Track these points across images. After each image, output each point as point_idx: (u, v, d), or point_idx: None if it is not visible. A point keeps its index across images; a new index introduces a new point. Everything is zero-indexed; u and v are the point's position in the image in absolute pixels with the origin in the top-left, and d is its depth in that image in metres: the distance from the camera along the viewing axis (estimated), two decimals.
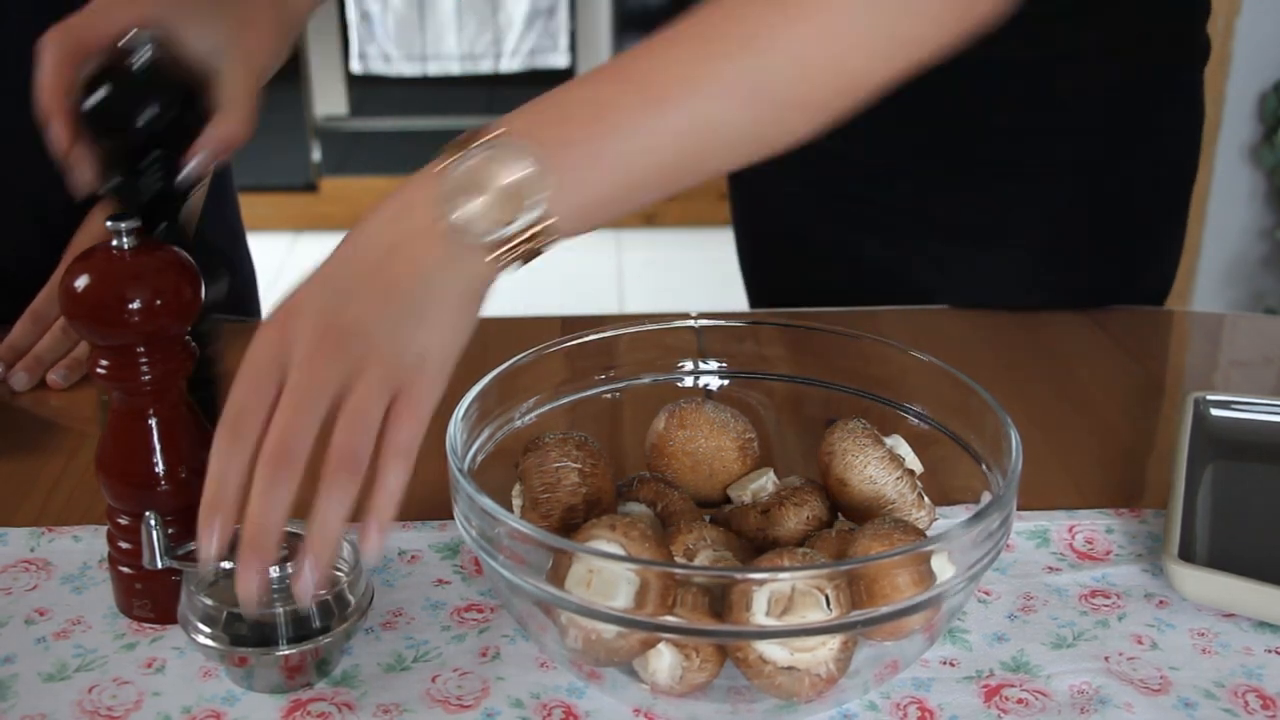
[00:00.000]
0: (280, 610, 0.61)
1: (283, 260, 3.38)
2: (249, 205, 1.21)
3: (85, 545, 0.73)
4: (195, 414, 0.67)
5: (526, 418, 0.71)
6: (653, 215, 3.52)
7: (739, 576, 0.55)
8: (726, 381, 0.76)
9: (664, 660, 0.57)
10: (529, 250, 0.57)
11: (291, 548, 0.58)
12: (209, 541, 0.55)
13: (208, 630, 0.61)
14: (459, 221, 0.56)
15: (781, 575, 0.54)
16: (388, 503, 0.56)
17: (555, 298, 3.20)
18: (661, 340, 0.75)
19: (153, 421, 0.65)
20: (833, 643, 0.56)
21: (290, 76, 3.40)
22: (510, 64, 3.38)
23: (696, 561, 0.61)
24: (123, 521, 0.67)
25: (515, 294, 0.75)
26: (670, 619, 0.55)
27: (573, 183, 0.57)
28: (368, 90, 3.45)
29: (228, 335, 1.00)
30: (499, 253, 0.57)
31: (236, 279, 1.17)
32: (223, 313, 1.07)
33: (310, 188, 3.53)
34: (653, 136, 0.59)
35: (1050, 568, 0.72)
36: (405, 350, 0.56)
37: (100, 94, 0.66)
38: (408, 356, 0.56)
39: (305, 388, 0.55)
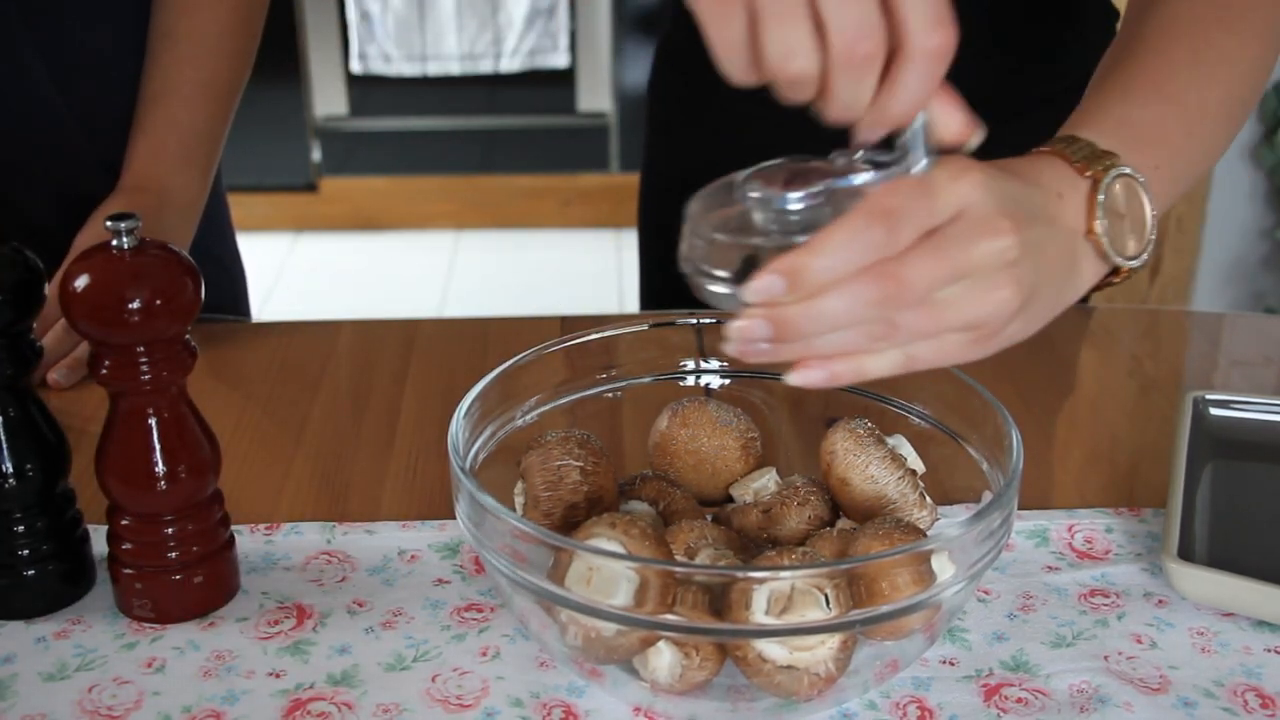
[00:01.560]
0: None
1: (283, 260, 3.38)
2: (249, 205, 1.21)
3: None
4: (195, 414, 0.67)
5: (528, 417, 0.71)
6: None
7: (739, 575, 0.55)
8: (727, 380, 0.76)
9: (664, 658, 0.58)
10: (1124, 274, 0.65)
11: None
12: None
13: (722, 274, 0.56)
14: (1105, 236, 0.62)
15: (781, 574, 0.54)
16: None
17: (555, 298, 3.21)
18: (662, 339, 0.75)
19: (153, 421, 0.65)
20: (832, 642, 0.56)
21: (290, 76, 3.40)
22: (510, 64, 3.38)
23: (697, 560, 0.61)
24: (123, 521, 0.67)
25: (515, 294, 0.75)
26: (670, 617, 0.55)
27: (1158, 206, 0.65)
28: (368, 90, 3.45)
29: (221, 335, 1.00)
30: (1110, 269, 0.64)
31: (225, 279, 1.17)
32: (217, 312, 1.07)
33: (310, 188, 3.53)
34: (1192, 160, 0.69)
35: (1050, 567, 0.72)
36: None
37: None
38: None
39: None
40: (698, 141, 1.12)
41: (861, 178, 0.56)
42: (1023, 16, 1.00)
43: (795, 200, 0.56)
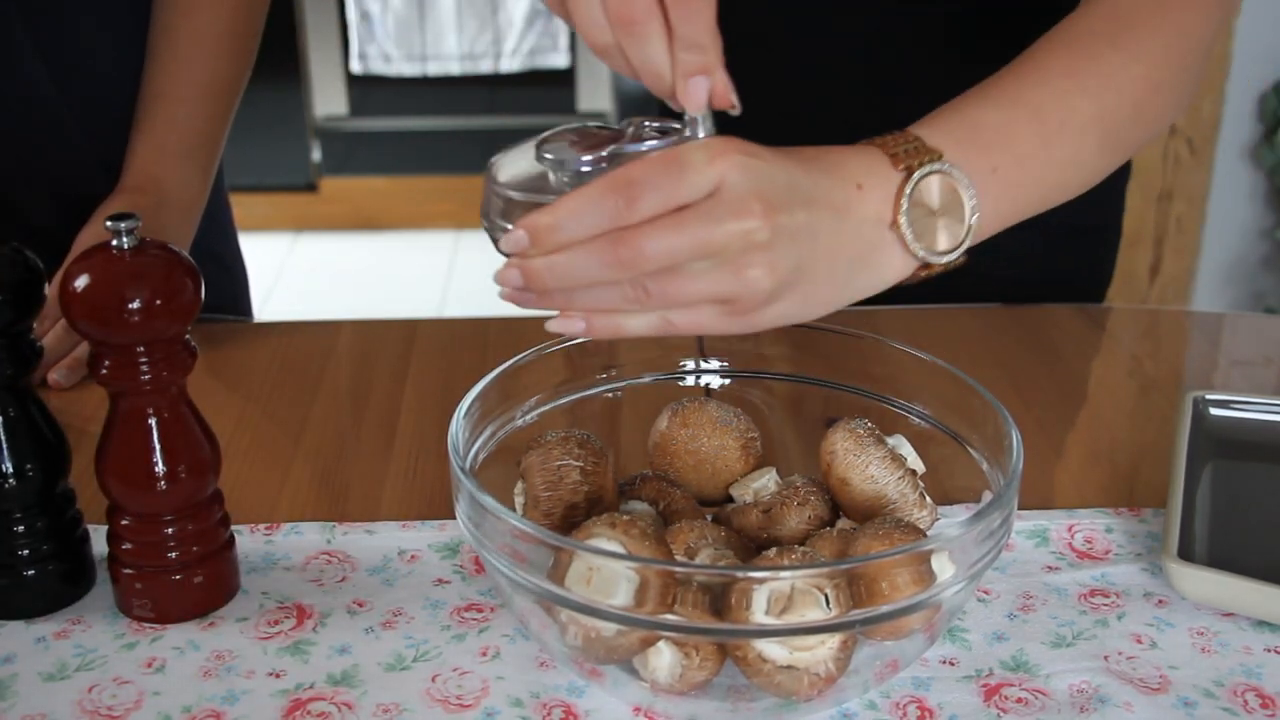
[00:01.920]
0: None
1: (283, 260, 3.38)
2: (249, 205, 1.21)
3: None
4: (195, 414, 0.67)
5: (528, 417, 0.71)
6: None
7: (739, 575, 0.55)
8: (727, 380, 0.76)
9: (664, 658, 0.58)
10: (936, 269, 0.64)
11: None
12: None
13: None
14: (909, 230, 0.62)
15: (781, 574, 0.54)
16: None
17: None
18: (662, 339, 0.75)
19: (153, 421, 0.65)
20: (832, 642, 0.56)
21: (290, 76, 3.40)
22: (510, 64, 3.38)
23: (697, 560, 0.61)
24: (123, 521, 0.67)
25: None
26: (670, 617, 0.55)
27: (989, 212, 0.65)
28: (368, 90, 3.45)
29: (221, 335, 1.00)
30: (920, 264, 0.63)
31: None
32: (219, 312, 1.07)
33: (310, 188, 3.53)
34: (1046, 169, 0.67)
35: (1049, 567, 0.72)
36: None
37: None
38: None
39: None
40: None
41: (649, 144, 0.59)
42: (998, 28, 0.99)
43: (586, 163, 0.59)
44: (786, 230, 0.57)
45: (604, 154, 0.59)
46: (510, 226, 0.58)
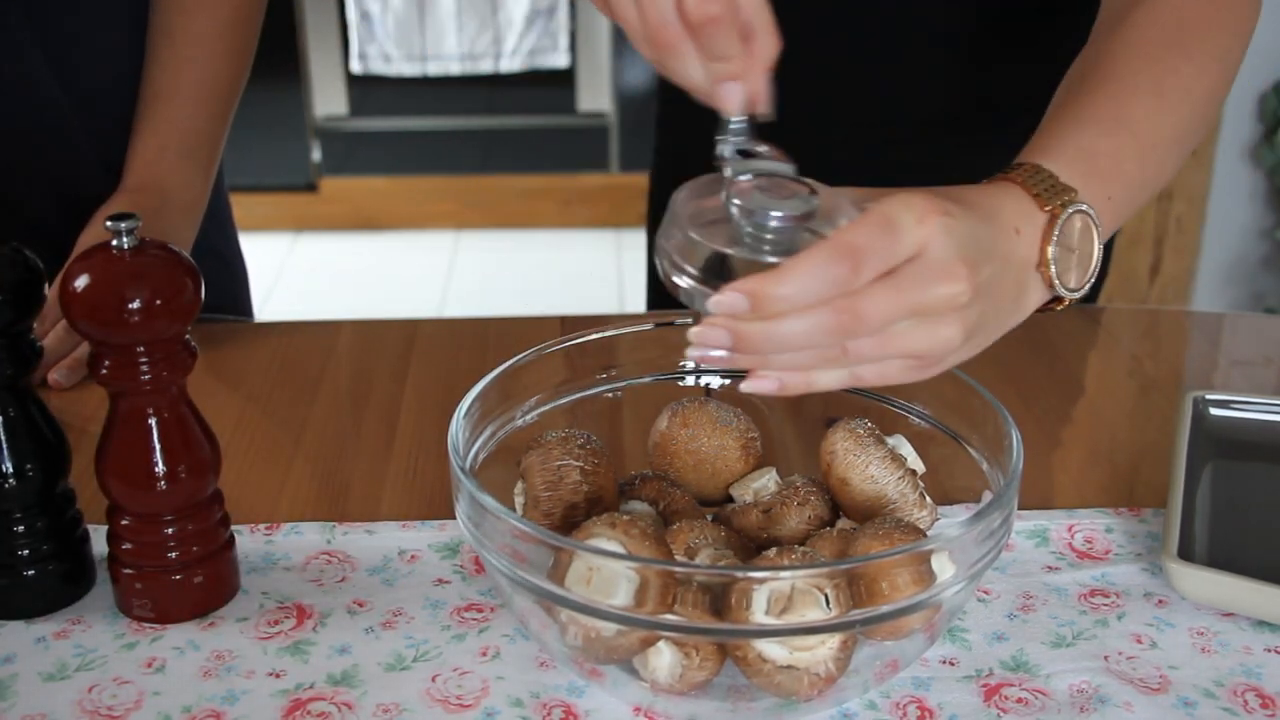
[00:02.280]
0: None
1: (283, 260, 3.38)
2: (249, 205, 1.20)
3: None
4: (195, 414, 0.67)
5: (528, 417, 0.71)
6: None
7: (739, 575, 0.55)
8: (727, 380, 0.75)
9: (664, 658, 0.58)
10: (1065, 304, 0.66)
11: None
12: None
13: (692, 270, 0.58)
14: (1054, 270, 0.64)
15: (781, 574, 0.54)
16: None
17: (555, 298, 3.21)
18: (662, 339, 0.75)
19: (153, 421, 0.65)
20: (832, 642, 0.56)
21: (290, 76, 3.40)
22: (510, 64, 3.38)
23: (697, 560, 0.61)
24: (123, 521, 0.67)
25: (515, 294, 0.75)
26: (670, 617, 0.55)
27: (1103, 233, 0.67)
28: (368, 90, 3.45)
29: (221, 335, 1.00)
30: (1054, 299, 0.66)
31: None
32: (218, 312, 1.07)
33: (310, 188, 3.53)
34: (1141, 188, 0.70)
35: (1050, 567, 0.72)
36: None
37: None
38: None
39: None
40: (709, 144, 1.12)
41: (845, 215, 0.59)
42: (999, 27, 1.00)
43: (776, 219, 0.58)
44: (981, 287, 0.59)
45: (798, 213, 0.58)
46: (689, 268, 0.58)
